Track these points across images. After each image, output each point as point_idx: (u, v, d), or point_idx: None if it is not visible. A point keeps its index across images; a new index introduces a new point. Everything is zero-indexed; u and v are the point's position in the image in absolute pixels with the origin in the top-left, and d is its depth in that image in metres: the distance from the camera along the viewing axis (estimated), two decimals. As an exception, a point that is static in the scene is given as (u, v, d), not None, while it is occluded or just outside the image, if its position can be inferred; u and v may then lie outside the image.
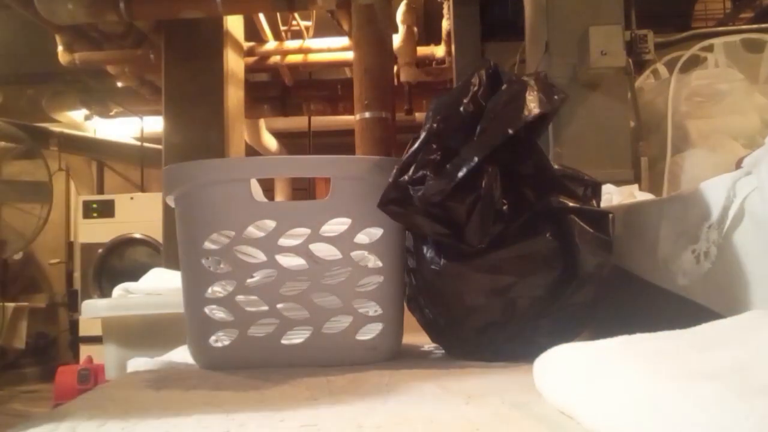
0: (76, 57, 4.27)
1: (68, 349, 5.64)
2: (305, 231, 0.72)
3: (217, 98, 3.88)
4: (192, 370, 0.73)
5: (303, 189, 6.35)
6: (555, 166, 0.75)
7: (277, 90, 5.12)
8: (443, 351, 0.81)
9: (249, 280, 0.74)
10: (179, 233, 0.75)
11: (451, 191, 0.67)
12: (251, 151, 5.22)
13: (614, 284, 0.74)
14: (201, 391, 0.61)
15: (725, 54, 2.30)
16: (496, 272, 0.71)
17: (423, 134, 0.72)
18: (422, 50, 4.49)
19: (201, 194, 0.73)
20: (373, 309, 0.75)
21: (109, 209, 5.12)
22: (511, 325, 0.72)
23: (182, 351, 0.84)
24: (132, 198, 5.19)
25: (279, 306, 0.73)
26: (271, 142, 5.72)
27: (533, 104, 0.70)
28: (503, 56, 3.12)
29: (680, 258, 0.66)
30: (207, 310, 0.74)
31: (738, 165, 0.63)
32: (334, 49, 4.61)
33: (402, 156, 0.72)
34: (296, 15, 4.44)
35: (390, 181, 0.70)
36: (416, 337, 0.85)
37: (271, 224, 0.72)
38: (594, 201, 0.75)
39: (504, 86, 0.72)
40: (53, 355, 5.68)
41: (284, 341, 0.73)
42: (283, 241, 0.72)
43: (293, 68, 4.85)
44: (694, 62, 2.32)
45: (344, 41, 4.43)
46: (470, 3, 3.48)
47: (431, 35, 4.68)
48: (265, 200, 0.76)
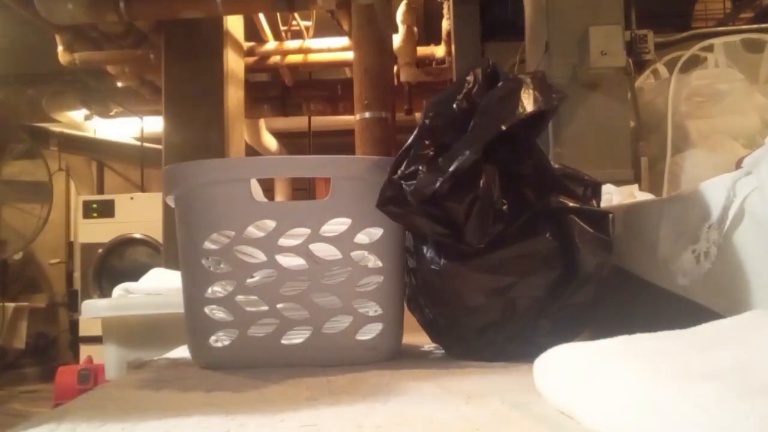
0: (76, 57, 4.27)
1: (68, 349, 5.65)
2: (305, 231, 0.72)
3: (217, 98, 3.88)
4: (192, 370, 0.73)
5: (303, 189, 6.35)
6: (555, 166, 0.75)
7: (277, 90, 5.11)
8: (443, 351, 0.81)
9: (249, 280, 0.74)
10: (179, 233, 0.75)
11: (450, 191, 0.67)
12: (251, 151, 5.22)
13: (614, 284, 0.74)
14: (201, 391, 0.61)
15: (725, 54, 2.30)
16: (496, 272, 0.71)
17: (416, 130, 0.72)
18: (422, 50, 4.49)
19: (201, 194, 0.73)
20: (373, 309, 0.75)
21: (109, 209, 5.12)
22: (511, 325, 0.72)
23: (182, 351, 0.84)
24: (132, 198, 5.19)
25: (279, 306, 0.73)
26: (271, 142, 5.72)
27: (528, 102, 0.70)
28: (503, 56, 3.12)
29: (680, 258, 0.66)
30: (207, 310, 0.74)
31: (738, 165, 0.63)
32: (334, 49, 4.61)
33: (401, 155, 0.72)
34: (296, 15, 4.44)
35: (386, 179, 0.70)
36: (416, 337, 0.85)
37: (271, 224, 0.72)
38: (594, 201, 0.75)
39: (500, 83, 0.72)
40: (53, 355, 5.69)
41: (284, 341, 0.73)
42: (283, 241, 0.72)
43: (293, 68, 4.85)
44: (694, 62, 2.32)
45: (344, 41, 4.43)
46: (470, 3, 3.48)
47: (431, 35, 4.68)
48: (265, 200, 0.76)
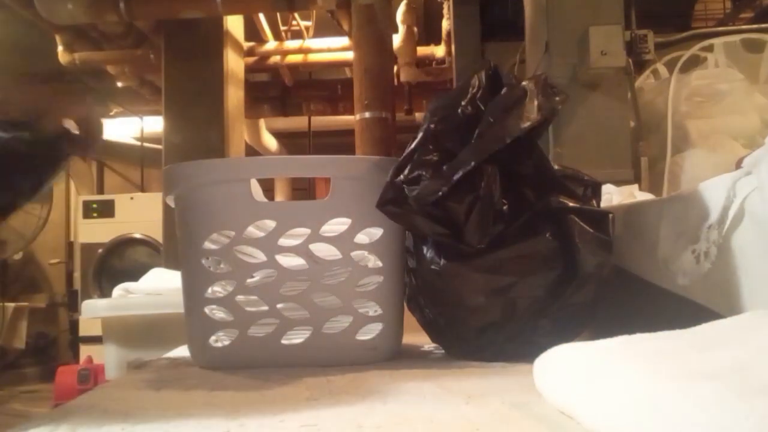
0: (76, 57, 4.26)
1: (68, 349, 5.64)
2: (305, 231, 0.72)
3: (217, 98, 3.88)
4: (192, 370, 0.73)
5: (303, 189, 6.35)
6: (555, 166, 0.75)
7: (277, 90, 5.11)
8: (443, 351, 0.81)
9: (249, 280, 0.74)
10: (179, 233, 0.75)
11: (450, 191, 0.67)
12: (251, 151, 5.22)
13: (614, 284, 0.74)
14: (201, 391, 0.61)
15: (725, 54, 2.30)
16: (496, 272, 0.71)
17: (420, 135, 0.72)
18: (422, 50, 4.48)
19: (201, 194, 0.73)
20: (373, 309, 0.75)
21: (109, 209, 5.12)
22: (511, 325, 0.72)
23: (182, 351, 0.84)
24: (132, 198, 5.19)
25: (279, 306, 0.73)
26: (271, 142, 5.71)
27: (533, 112, 0.70)
28: (503, 56, 3.12)
29: (680, 258, 0.66)
30: (207, 310, 0.74)
31: (738, 165, 0.63)
32: (334, 49, 4.61)
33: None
34: (296, 15, 4.43)
35: (387, 181, 0.70)
36: (416, 337, 0.85)
37: (271, 224, 0.72)
38: (594, 201, 0.75)
39: (504, 90, 0.72)
40: (53, 355, 5.68)
41: (284, 341, 0.73)
42: (283, 241, 0.72)
43: (293, 68, 4.85)
44: (694, 62, 2.32)
45: (344, 41, 4.43)
46: (470, 3, 3.48)
47: (431, 35, 4.68)
48: (265, 200, 0.76)
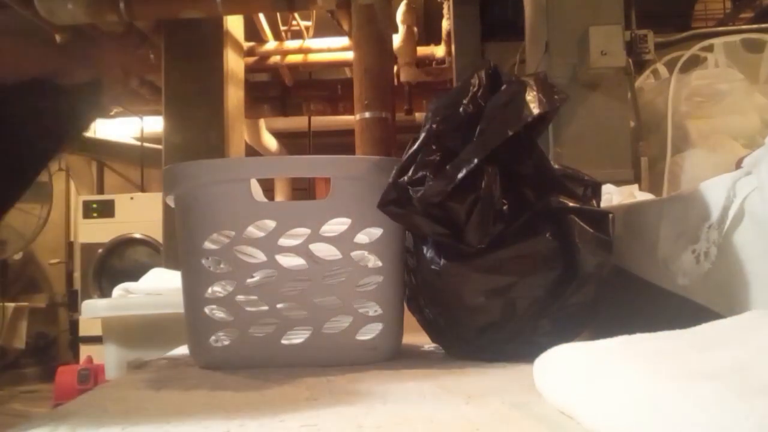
0: (76, 57, 4.26)
1: (68, 349, 5.64)
2: (305, 231, 0.72)
3: (217, 98, 3.88)
4: (192, 370, 0.73)
5: (303, 189, 6.35)
6: (555, 166, 0.75)
7: (277, 90, 5.11)
8: (443, 351, 0.81)
9: (249, 280, 0.74)
10: (179, 233, 0.75)
11: (451, 191, 0.67)
12: (251, 151, 5.22)
13: (614, 284, 0.74)
14: (201, 391, 0.61)
15: (725, 54, 2.30)
16: (496, 272, 0.71)
17: (422, 135, 0.72)
18: (422, 50, 4.48)
19: (201, 194, 0.73)
20: (373, 309, 0.75)
21: (109, 209, 5.12)
22: (511, 325, 0.72)
23: (182, 351, 0.84)
24: (132, 198, 5.19)
25: (279, 306, 0.73)
26: (271, 142, 5.71)
27: (532, 105, 0.70)
28: (503, 56, 3.12)
29: (680, 258, 0.66)
30: (207, 310, 0.74)
31: (738, 165, 0.63)
32: (334, 49, 4.61)
33: (402, 156, 0.73)
34: (296, 15, 4.43)
35: (389, 182, 0.70)
36: (416, 337, 0.85)
37: (271, 224, 0.72)
38: (594, 201, 0.75)
39: (503, 87, 0.72)
40: (53, 355, 5.69)
41: (284, 341, 0.73)
42: (283, 241, 0.72)
43: (293, 68, 4.85)
44: (694, 62, 2.32)
45: (344, 41, 4.43)
46: (470, 3, 3.48)
47: (431, 35, 4.68)
48: (265, 200, 0.76)
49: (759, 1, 3.77)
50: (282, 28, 4.64)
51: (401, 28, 4.23)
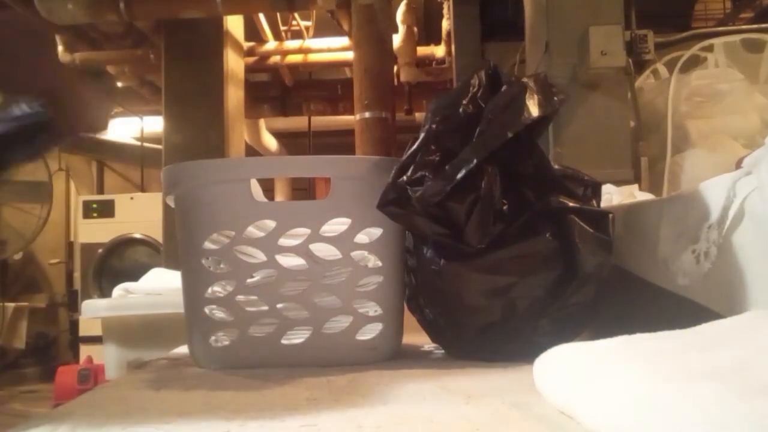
0: (76, 57, 4.26)
1: (68, 349, 5.65)
2: (305, 231, 0.72)
3: (217, 98, 3.88)
4: (192, 370, 0.73)
5: (303, 189, 6.35)
6: (555, 166, 0.75)
7: (277, 90, 5.11)
8: (443, 351, 0.81)
9: (249, 280, 0.74)
10: (179, 233, 0.75)
11: (451, 191, 0.67)
12: (251, 151, 5.22)
13: (614, 284, 0.74)
14: (201, 391, 0.61)
15: (725, 54, 2.30)
16: (496, 272, 0.71)
17: (422, 135, 0.72)
18: (422, 50, 4.48)
19: (201, 194, 0.73)
20: (373, 309, 0.75)
21: (109, 209, 5.12)
22: (511, 325, 0.72)
23: (182, 351, 0.84)
24: (132, 198, 5.19)
25: (279, 306, 0.73)
26: (271, 142, 5.72)
27: (532, 107, 0.70)
28: (503, 56, 3.12)
29: (680, 258, 0.66)
30: (207, 310, 0.74)
31: (738, 165, 0.63)
32: (334, 49, 4.61)
33: (402, 156, 0.72)
34: (296, 15, 4.44)
35: (389, 182, 0.70)
36: (416, 337, 0.85)
37: (271, 224, 0.72)
38: (594, 201, 0.75)
39: (503, 87, 0.72)
40: (53, 355, 5.69)
41: (284, 341, 0.73)
42: (283, 241, 0.72)
43: (293, 68, 4.85)
44: (694, 62, 2.32)
45: (344, 41, 4.43)
46: (470, 3, 3.48)
47: (431, 35, 4.68)
48: (265, 200, 0.76)
49: (759, 1, 3.77)
50: (282, 28, 4.64)
51: (401, 28, 4.23)
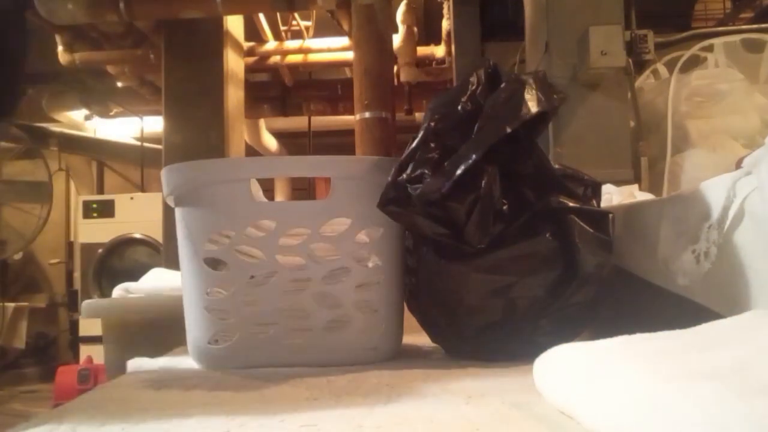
0: (76, 57, 4.26)
1: (68, 349, 5.64)
2: (305, 231, 0.72)
3: (217, 98, 3.88)
4: (192, 370, 0.73)
5: (303, 189, 6.35)
6: (555, 166, 0.75)
7: (277, 90, 5.11)
8: (443, 351, 0.81)
9: (249, 280, 0.74)
10: (179, 233, 0.75)
11: (451, 191, 0.67)
12: (251, 151, 5.22)
13: (614, 284, 0.74)
14: (201, 391, 0.61)
15: (725, 54, 2.30)
16: (496, 272, 0.71)
17: (421, 133, 0.72)
18: (422, 50, 4.48)
19: (201, 194, 0.73)
20: (373, 309, 0.75)
21: (109, 209, 5.12)
22: (511, 325, 0.72)
23: (182, 351, 0.84)
24: (132, 198, 5.19)
25: (279, 306, 0.73)
26: (271, 142, 5.72)
27: (531, 103, 0.70)
28: (503, 56, 3.12)
29: (680, 258, 0.66)
30: (207, 310, 0.74)
31: (738, 165, 0.63)
32: (334, 49, 4.61)
33: (402, 156, 0.73)
34: (296, 15, 4.44)
35: (388, 181, 0.70)
36: (416, 337, 0.85)
37: (271, 224, 0.72)
38: (594, 201, 0.75)
39: (503, 84, 0.72)
40: (53, 355, 5.68)
41: (284, 341, 0.73)
42: (283, 241, 0.72)
43: (293, 68, 4.85)
44: (694, 62, 2.32)
45: (344, 41, 4.43)
46: (470, 3, 3.48)
47: (431, 35, 4.68)
48: (265, 200, 0.76)
49: (759, 1, 3.77)
50: (282, 28, 4.64)
51: (401, 28, 4.23)
